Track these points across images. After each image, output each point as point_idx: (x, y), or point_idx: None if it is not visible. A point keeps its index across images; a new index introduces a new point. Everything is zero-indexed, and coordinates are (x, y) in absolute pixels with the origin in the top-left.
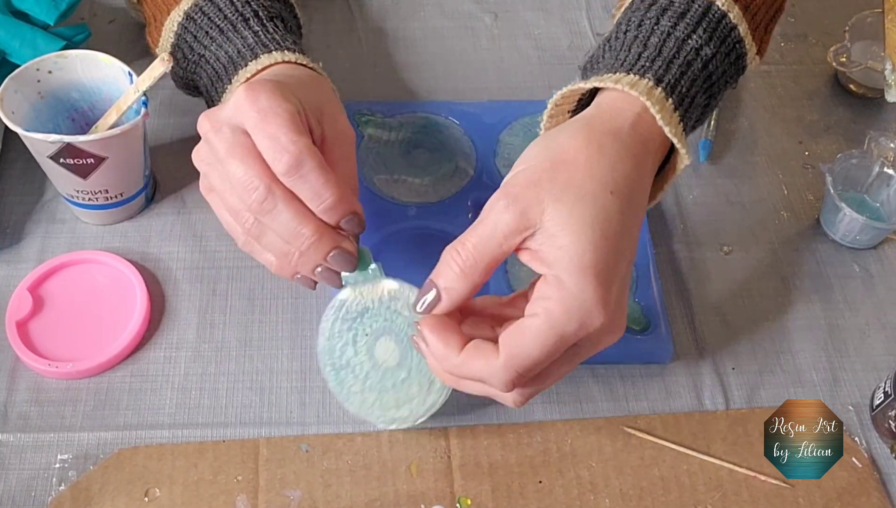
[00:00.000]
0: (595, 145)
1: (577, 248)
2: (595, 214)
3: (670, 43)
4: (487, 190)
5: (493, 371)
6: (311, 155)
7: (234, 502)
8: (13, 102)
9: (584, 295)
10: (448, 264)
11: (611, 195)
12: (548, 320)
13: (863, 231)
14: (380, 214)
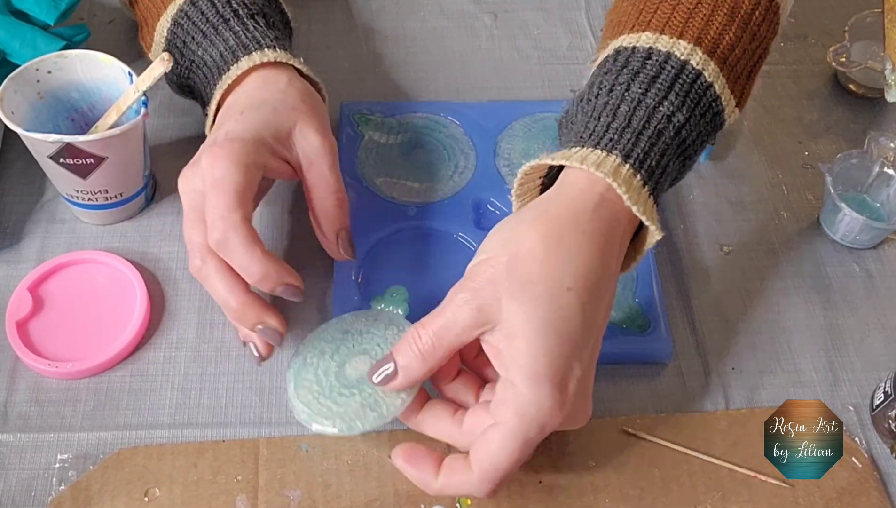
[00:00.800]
0: (554, 238)
1: (531, 353)
2: (550, 315)
3: (640, 112)
4: (487, 190)
5: (472, 487)
6: (236, 232)
7: (233, 502)
8: (13, 102)
9: (539, 401)
10: (409, 344)
11: (568, 292)
12: (511, 430)
13: (863, 231)
14: (380, 214)
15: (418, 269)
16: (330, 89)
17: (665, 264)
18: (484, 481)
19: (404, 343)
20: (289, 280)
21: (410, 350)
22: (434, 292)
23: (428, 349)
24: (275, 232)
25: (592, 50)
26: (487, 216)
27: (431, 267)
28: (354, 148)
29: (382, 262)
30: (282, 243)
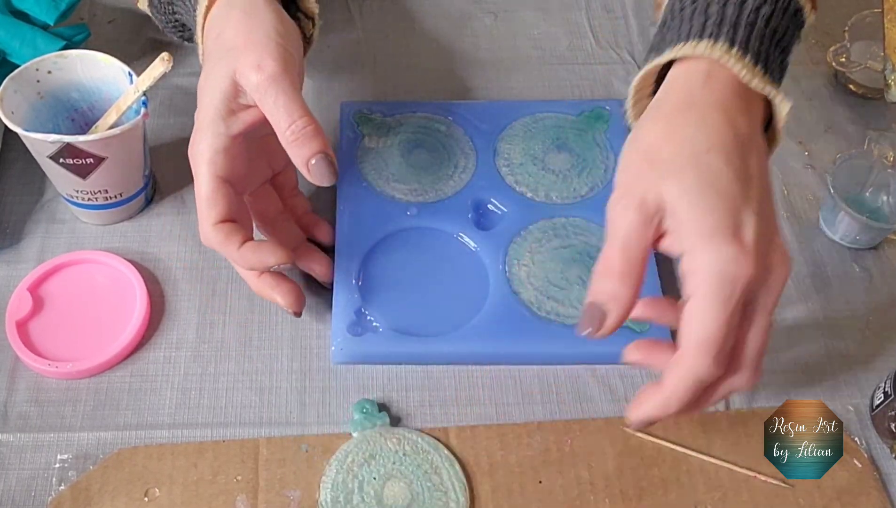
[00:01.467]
0: (676, 116)
1: (696, 217)
2: (700, 178)
3: (729, 9)
4: (487, 190)
5: (692, 367)
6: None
7: (233, 502)
8: (13, 102)
9: (720, 255)
10: (603, 281)
11: (707, 154)
12: (705, 296)
13: (863, 231)
14: (380, 213)
15: (417, 268)
16: (330, 89)
17: (665, 264)
18: (699, 356)
19: (598, 283)
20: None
21: (609, 282)
22: (433, 293)
23: (624, 268)
24: None
25: (592, 50)
26: (487, 216)
27: (431, 268)
28: (354, 148)
29: (382, 263)
30: None
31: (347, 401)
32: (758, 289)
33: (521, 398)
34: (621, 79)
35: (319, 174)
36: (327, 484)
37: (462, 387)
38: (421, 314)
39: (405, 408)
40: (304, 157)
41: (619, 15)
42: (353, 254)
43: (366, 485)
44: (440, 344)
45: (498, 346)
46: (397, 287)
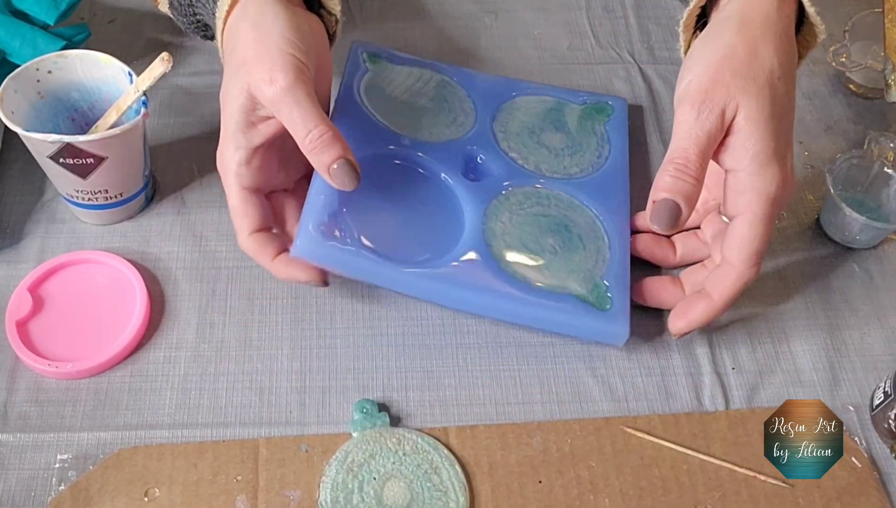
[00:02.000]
0: (759, 38)
1: (762, 139)
2: (772, 105)
3: None
4: (480, 148)
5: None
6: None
7: (233, 502)
8: (13, 101)
9: (773, 178)
10: (681, 180)
11: (779, 82)
12: (758, 210)
13: (863, 231)
14: (374, 135)
15: (398, 197)
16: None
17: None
18: (752, 266)
19: (672, 179)
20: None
21: (686, 182)
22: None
23: (700, 171)
24: None
25: (592, 50)
26: (477, 169)
27: (411, 199)
28: (358, 77)
29: (366, 179)
30: None
31: (347, 401)
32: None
33: (521, 398)
34: (622, 79)
35: (341, 179)
36: (327, 484)
37: (462, 387)
38: (391, 239)
39: (405, 408)
40: (325, 164)
41: (619, 15)
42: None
43: (366, 485)
44: (401, 273)
45: (457, 291)
46: (375, 207)
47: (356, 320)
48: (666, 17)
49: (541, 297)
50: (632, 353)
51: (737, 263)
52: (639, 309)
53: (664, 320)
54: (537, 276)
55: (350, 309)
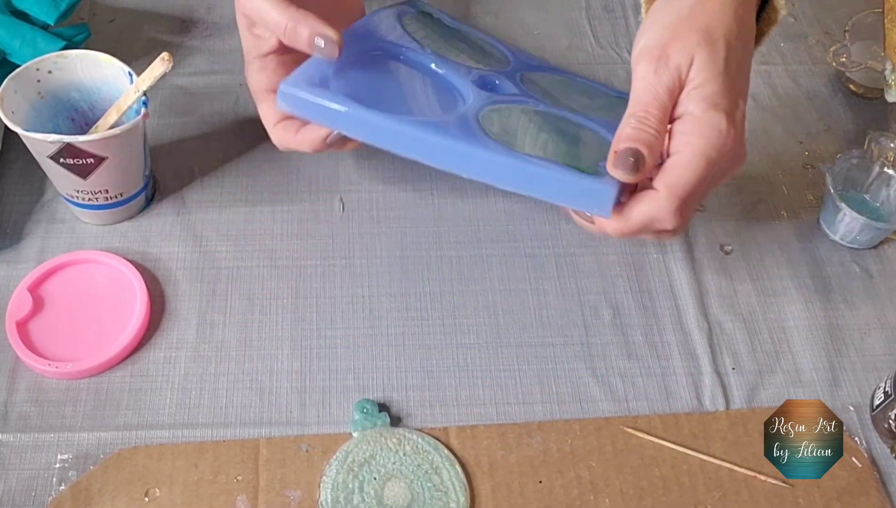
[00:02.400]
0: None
1: (712, 87)
2: (727, 60)
3: None
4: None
5: (659, 206)
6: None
7: (234, 502)
8: (13, 101)
9: (718, 124)
10: (642, 131)
11: (735, 41)
12: (695, 150)
13: (863, 231)
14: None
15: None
16: None
17: (665, 265)
18: (672, 198)
19: (637, 130)
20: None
21: (647, 132)
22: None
23: (660, 124)
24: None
25: (592, 50)
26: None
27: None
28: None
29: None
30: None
31: (347, 401)
32: (725, 162)
33: (521, 398)
34: (622, 79)
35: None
36: (327, 484)
37: (462, 387)
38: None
39: (405, 408)
40: (304, 39)
41: (619, 15)
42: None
43: (366, 485)
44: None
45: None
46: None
47: (356, 320)
48: None
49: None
50: (632, 353)
51: (659, 191)
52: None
53: (663, 319)
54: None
55: (350, 309)
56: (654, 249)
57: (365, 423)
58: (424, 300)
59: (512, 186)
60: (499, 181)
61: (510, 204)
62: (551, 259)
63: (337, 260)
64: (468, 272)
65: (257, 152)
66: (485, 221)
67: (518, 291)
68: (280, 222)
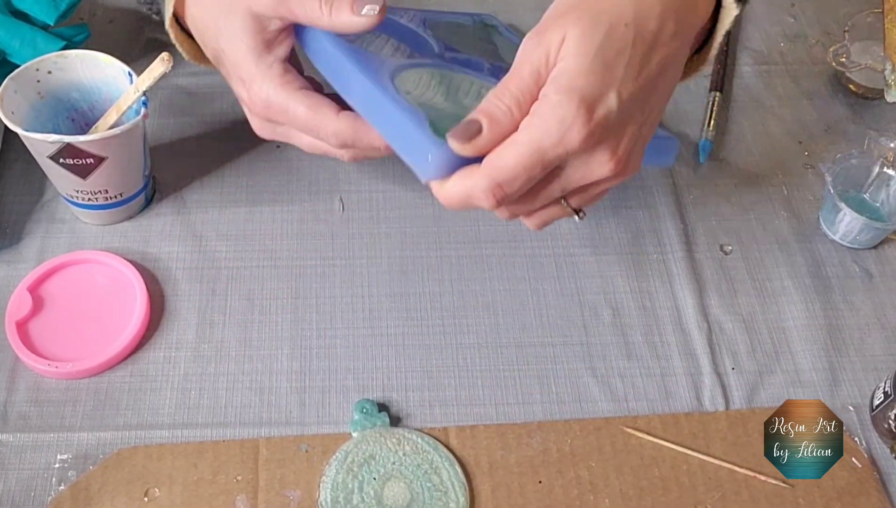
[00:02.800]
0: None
1: (572, 70)
2: (603, 42)
3: None
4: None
5: (474, 183)
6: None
7: (233, 502)
8: (13, 102)
9: (565, 112)
10: (492, 103)
11: (625, 27)
12: (529, 132)
13: (863, 231)
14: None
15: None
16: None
17: (665, 265)
18: (486, 176)
19: (488, 104)
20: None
21: (494, 105)
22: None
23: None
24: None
25: None
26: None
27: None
28: None
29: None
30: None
31: (347, 401)
32: (573, 162)
33: (521, 398)
34: None
35: (370, 9)
36: (327, 484)
37: (462, 387)
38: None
39: (405, 408)
40: (348, 12)
41: None
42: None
43: (366, 485)
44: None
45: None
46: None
47: (356, 320)
48: None
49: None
50: (632, 353)
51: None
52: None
53: (663, 319)
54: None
55: (350, 309)
56: (653, 249)
57: (365, 423)
58: (424, 300)
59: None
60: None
61: None
62: (551, 259)
63: (337, 260)
64: (468, 272)
65: (257, 152)
66: (485, 221)
67: (518, 291)
68: (280, 222)
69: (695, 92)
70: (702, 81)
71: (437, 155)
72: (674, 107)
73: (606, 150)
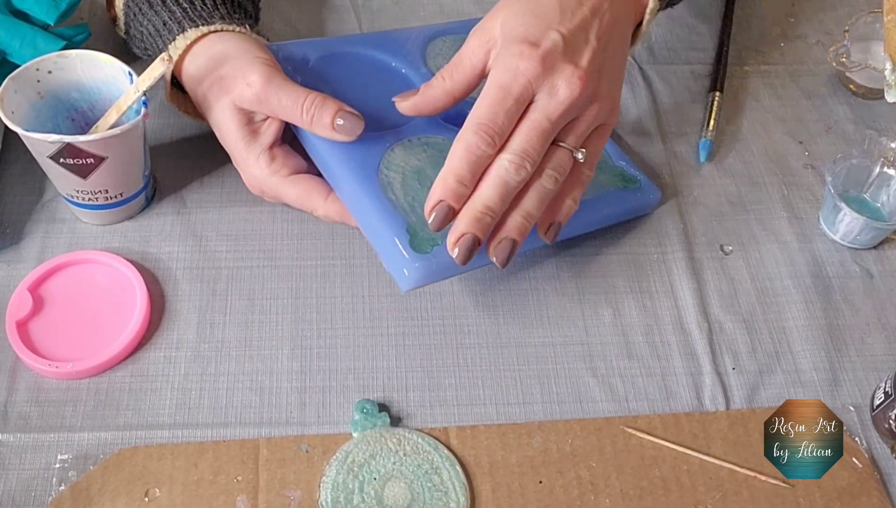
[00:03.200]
0: None
1: (509, 29)
2: (524, 4)
3: None
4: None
5: (463, 135)
6: None
7: (234, 502)
8: (13, 102)
9: (513, 50)
10: (433, 83)
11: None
12: (490, 78)
13: (863, 231)
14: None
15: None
16: None
17: (665, 265)
18: (469, 125)
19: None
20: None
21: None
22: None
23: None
24: None
25: None
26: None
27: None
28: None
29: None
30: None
31: (347, 401)
32: (540, 90)
33: (521, 398)
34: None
35: (349, 128)
36: (327, 484)
37: (462, 387)
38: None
39: (405, 408)
40: (328, 123)
41: None
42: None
43: (366, 485)
44: None
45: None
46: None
47: (356, 320)
48: (666, 16)
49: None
50: (632, 353)
51: (464, 128)
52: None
53: (663, 319)
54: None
55: (350, 309)
56: (654, 249)
57: (365, 423)
58: (424, 300)
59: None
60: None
61: None
62: (551, 259)
63: (337, 260)
64: (468, 272)
65: None
66: None
67: (518, 291)
68: (280, 222)
69: (695, 92)
70: (702, 81)
71: (412, 270)
72: (674, 107)
73: (567, 65)
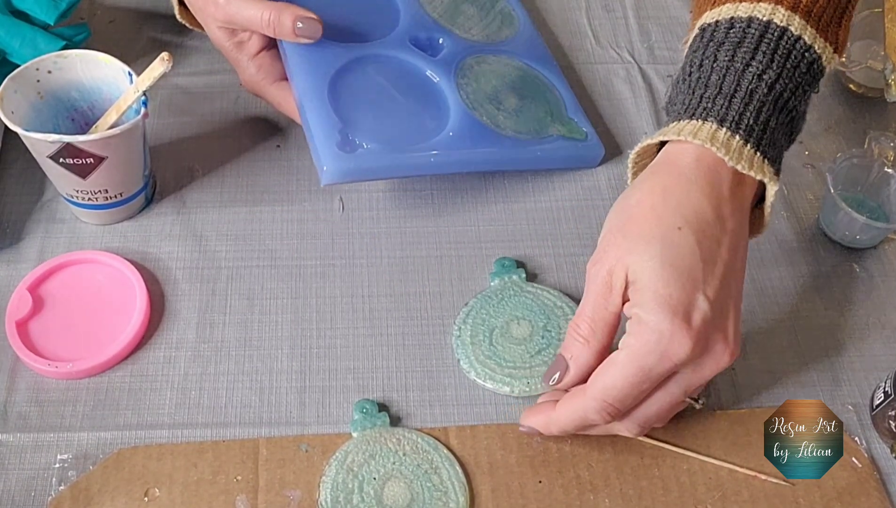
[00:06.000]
0: (658, 191)
1: (652, 288)
2: (665, 253)
3: (730, 77)
4: (422, 29)
5: (585, 406)
6: None
7: (233, 502)
8: (13, 101)
9: (661, 327)
10: (572, 338)
11: (679, 231)
12: (629, 354)
13: (863, 231)
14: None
15: (380, 91)
16: None
17: None
18: (594, 398)
19: (568, 339)
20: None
21: (575, 344)
22: (401, 111)
23: (588, 333)
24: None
25: (592, 50)
26: (430, 46)
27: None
28: None
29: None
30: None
31: (347, 401)
32: (689, 366)
33: (522, 398)
34: (622, 79)
35: (310, 31)
36: (327, 484)
37: (462, 387)
38: (396, 130)
39: (405, 408)
40: (289, 28)
41: (620, 15)
42: (317, 81)
43: (366, 485)
44: (419, 156)
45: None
46: (368, 107)
47: (356, 320)
48: (666, 16)
49: (534, 143)
50: None
51: (587, 392)
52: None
53: None
54: (517, 126)
55: (350, 309)
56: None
57: (364, 423)
58: (424, 300)
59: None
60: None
61: (510, 204)
62: (551, 259)
63: (337, 260)
64: (468, 272)
65: (257, 152)
66: (485, 221)
67: None
68: (280, 222)
69: None
70: None
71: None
72: None
73: (717, 343)
